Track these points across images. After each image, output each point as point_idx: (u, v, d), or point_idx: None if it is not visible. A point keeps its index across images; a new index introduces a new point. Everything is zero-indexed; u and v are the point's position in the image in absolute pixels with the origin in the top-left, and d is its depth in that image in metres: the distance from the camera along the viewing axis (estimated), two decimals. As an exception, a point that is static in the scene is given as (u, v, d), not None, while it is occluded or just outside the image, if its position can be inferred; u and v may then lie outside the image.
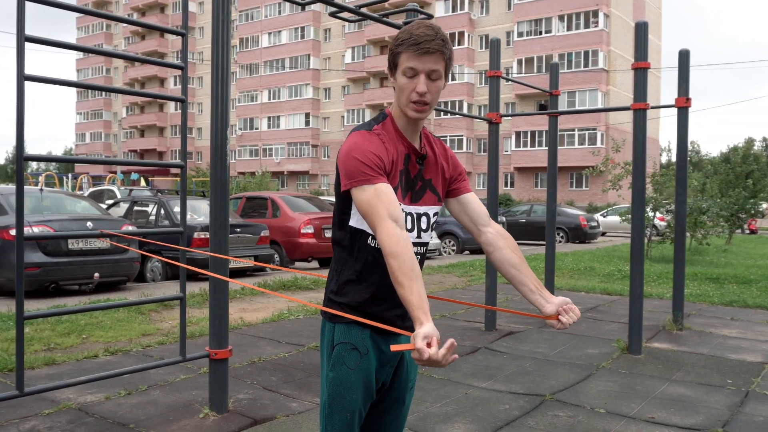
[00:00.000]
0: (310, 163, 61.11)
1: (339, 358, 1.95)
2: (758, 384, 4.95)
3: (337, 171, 1.93)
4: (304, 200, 13.78)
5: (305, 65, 60.54)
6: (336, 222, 2.01)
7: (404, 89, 1.89)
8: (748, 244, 21.11)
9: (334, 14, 5.19)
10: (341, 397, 1.94)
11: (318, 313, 7.53)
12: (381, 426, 2.12)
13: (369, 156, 1.83)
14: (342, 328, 1.96)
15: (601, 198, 42.77)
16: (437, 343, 1.55)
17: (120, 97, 73.34)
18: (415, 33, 1.85)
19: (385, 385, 2.06)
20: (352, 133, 1.92)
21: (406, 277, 1.67)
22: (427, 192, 2.02)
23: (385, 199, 1.77)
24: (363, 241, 1.95)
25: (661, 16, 55.00)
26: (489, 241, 2.07)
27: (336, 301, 1.99)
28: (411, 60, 1.85)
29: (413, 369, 2.13)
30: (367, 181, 1.80)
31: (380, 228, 1.74)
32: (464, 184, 2.11)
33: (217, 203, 3.92)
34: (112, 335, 6.12)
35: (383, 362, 2.00)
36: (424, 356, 1.53)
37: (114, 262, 8.64)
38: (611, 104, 45.49)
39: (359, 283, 1.96)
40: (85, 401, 4.23)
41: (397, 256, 1.69)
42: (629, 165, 14.21)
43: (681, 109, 6.57)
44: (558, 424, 4.04)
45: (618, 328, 7.01)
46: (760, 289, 9.95)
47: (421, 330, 1.57)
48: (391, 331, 1.94)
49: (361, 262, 1.95)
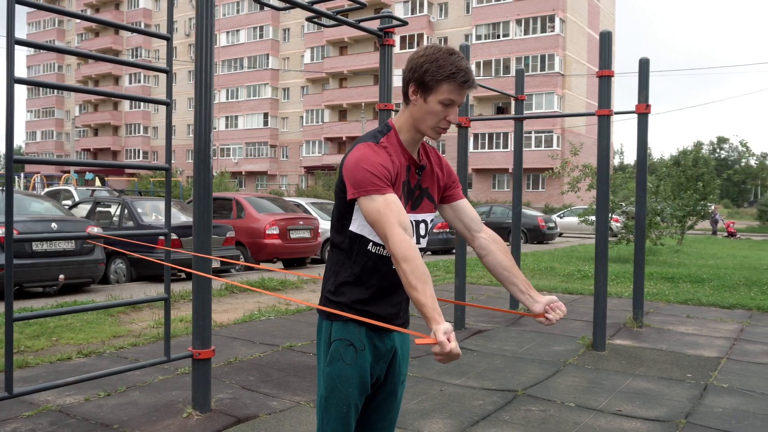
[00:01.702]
0: (268, 163, 60.70)
1: (336, 354, 2.05)
2: (716, 377, 5.22)
3: (340, 178, 2.02)
4: (269, 201, 13.77)
5: (264, 65, 60.13)
6: (335, 226, 2.11)
7: (436, 115, 2.00)
8: (698, 245, 21.88)
9: (311, 19, 5.29)
10: (338, 390, 2.05)
11: (289, 315, 7.59)
12: (376, 418, 2.23)
13: (378, 168, 1.93)
14: (339, 326, 2.06)
15: (557, 199, 43.67)
16: (454, 338, 1.70)
17: (73, 94, 71.59)
18: (462, 68, 1.95)
19: (379, 379, 2.18)
20: (359, 144, 2.01)
21: (419, 281, 1.78)
22: (425, 200, 2.14)
23: (394, 208, 1.88)
24: (363, 247, 2.05)
25: (615, 22, 56.40)
26: (482, 245, 2.20)
27: (333, 300, 2.10)
28: (453, 92, 1.96)
29: (405, 364, 2.26)
30: (377, 191, 1.89)
31: (391, 235, 1.84)
32: (458, 191, 2.24)
33: (200, 205, 3.97)
34: (83, 337, 6.07)
35: (377, 358, 2.12)
36: (445, 349, 1.68)
37: (79, 264, 8.53)
38: (567, 107, 46.50)
39: (356, 285, 2.07)
40: (65, 403, 4.23)
41: (410, 260, 1.80)
42: (587, 168, 14.64)
43: (641, 115, 6.85)
44: (531, 417, 4.21)
45: (581, 326, 7.26)
46: (712, 288, 10.39)
47: (440, 327, 1.72)
48: (385, 328, 2.07)
49: (359, 266, 2.06)
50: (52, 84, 3.25)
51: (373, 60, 54.03)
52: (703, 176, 19.40)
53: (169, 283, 3.94)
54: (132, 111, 69.14)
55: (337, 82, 57.10)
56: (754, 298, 9.23)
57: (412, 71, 2.01)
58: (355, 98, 54.55)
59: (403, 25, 5.33)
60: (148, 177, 37.13)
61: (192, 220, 4.04)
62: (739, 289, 10.19)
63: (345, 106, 55.83)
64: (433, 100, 1.98)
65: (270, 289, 9.43)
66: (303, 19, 58.84)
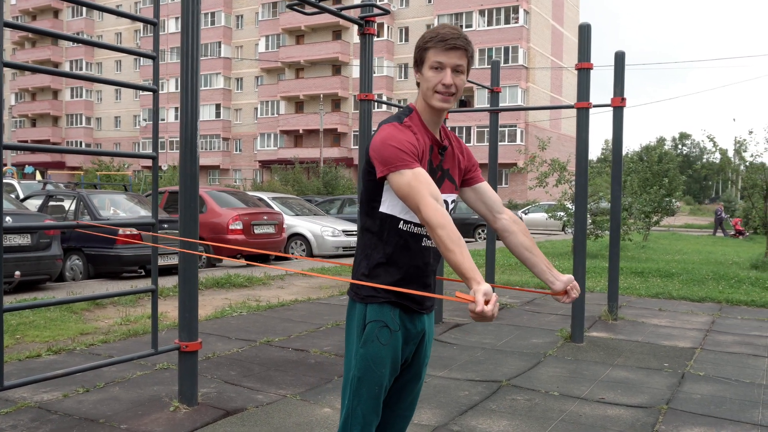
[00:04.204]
0: (221, 157, 60.13)
1: (371, 335, 2.19)
2: (692, 366, 5.54)
3: (367, 161, 2.17)
4: (230, 195, 13.76)
5: (216, 53, 59.49)
6: (364, 210, 2.26)
7: (431, 81, 2.17)
8: (663, 241, 22.63)
9: (291, 6, 5.40)
10: (371, 371, 2.20)
11: (262, 311, 7.68)
12: (399, 399, 2.39)
13: (405, 144, 2.09)
14: (374, 308, 2.21)
15: (521, 195, 44.46)
16: (494, 302, 1.84)
17: (8, 82, 69.51)
18: (441, 32, 2.17)
19: (407, 361, 2.34)
20: (383, 125, 2.18)
21: (455, 244, 1.92)
22: (446, 181, 2.30)
23: (424, 180, 2.03)
24: (394, 226, 2.20)
25: (579, 14, 57.57)
26: (504, 227, 2.38)
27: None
28: (438, 55, 2.15)
29: (430, 347, 2.42)
30: (406, 165, 2.05)
31: (424, 206, 1.98)
32: (478, 174, 2.41)
33: (186, 195, 4.06)
34: (49, 335, 6.06)
35: (407, 340, 2.28)
36: (478, 309, 1.81)
37: (36, 260, 8.44)
38: (531, 101, 47.29)
39: (390, 265, 2.21)
40: (42, 400, 4.26)
41: (444, 227, 1.94)
42: (556, 162, 15.03)
43: (617, 108, 7.15)
44: (517, 406, 4.42)
45: (557, 319, 7.54)
46: (681, 282, 10.84)
47: (480, 287, 1.85)
48: (416, 312, 2.25)
49: (391, 245, 2.21)
50: (45, 69, 3.30)
51: (331, 50, 54.01)
52: (668, 172, 20.07)
53: (157, 275, 4.01)
54: (73, 100, 67.61)
55: (293, 73, 56.88)
56: (722, 292, 9.68)
57: (413, 56, 2.25)
58: (312, 89, 54.43)
59: (386, 14, 5.48)
60: (94, 171, 36.42)
61: (152, 214, 4.10)
62: (707, 283, 10.66)
63: (302, 98, 55.67)
64: (426, 69, 2.18)
65: (237, 285, 9.48)
66: (257, 6, 58.51)
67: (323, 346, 5.96)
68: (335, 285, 10.02)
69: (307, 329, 6.70)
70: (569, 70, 54.56)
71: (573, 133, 55.99)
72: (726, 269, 12.43)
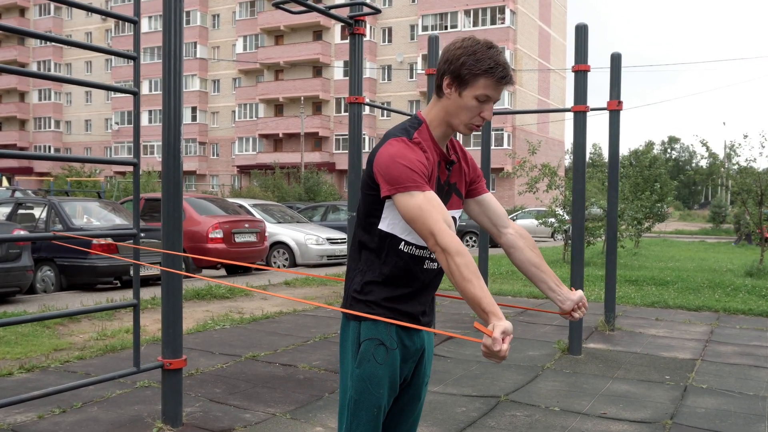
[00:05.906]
0: (197, 162, 59.72)
1: (367, 354, 2.11)
2: (694, 379, 5.54)
3: (369, 174, 2.08)
4: (209, 202, 13.63)
5: (191, 54, 59.13)
6: (361, 224, 2.17)
7: (470, 111, 2.07)
8: (654, 247, 22.79)
9: (277, 4, 5.35)
10: (368, 392, 2.11)
11: (245, 324, 7.58)
12: (400, 420, 2.31)
13: (416, 164, 1.99)
14: (368, 325, 2.12)
15: (508, 201, 44.60)
16: (509, 341, 1.80)
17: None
18: (501, 62, 2.03)
19: (406, 380, 2.26)
20: (391, 139, 2.06)
21: (474, 275, 1.86)
22: (453, 196, 2.23)
23: (437, 205, 1.96)
24: (394, 246, 2.12)
25: (566, 15, 58.03)
26: (510, 242, 2.30)
27: (361, 299, 2.15)
28: (490, 88, 2.04)
29: (430, 365, 2.35)
30: (417, 187, 1.96)
31: (438, 231, 1.91)
32: (482, 185, 2.33)
33: (170, 203, 3.98)
34: (21, 351, 5.93)
35: (406, 358, 2.19)
36: (495, 348, 1.77)
37: (5, 272, 8.27)
38: (518, 104, 47.53)
39: (385, 285, 2.13)
40: (16, 421, 4.15)
41: (463, 254, 1.88)
42: (547, 167, 15.07)
43: (613, 112, 7.16)
44: (517, 423, 4.38)
45: (553, 330, 7.52)
46: (677, 290, 10.90)
47: (501, 323, 1.79)
48: (414, 327, 2.15)
49: (389, 266, 2.12)
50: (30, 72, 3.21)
51: (311, 50, 53.93)
52: (660, 177, 20.22)
53: (138, 288, 3.93)
54: (41, 103, 66.86)
55: (272, 74, 56.72)
56: (719, 300, 9.74)
57: (447, 63, 2.07)
58: (292, 92, 54.30)
59: (376, 13, 5.45)
60: (64, 177, 36.00)
61: (131, 222, 4.03)
62: (703, 291, 10.73)
63: (282, 100, 55.50)
64: (469, 94, 2.05)
65: (218, 296, 9.37)
66: (234, 5, 58.33)
67: (312, 360, 5.89)
68: (320, 296, 9.94)
69: (293, 343, 6.62)
70: (557, 72, 54.95)
71: (561, 137, 56.31)
72: (721, 277, 12.52)
